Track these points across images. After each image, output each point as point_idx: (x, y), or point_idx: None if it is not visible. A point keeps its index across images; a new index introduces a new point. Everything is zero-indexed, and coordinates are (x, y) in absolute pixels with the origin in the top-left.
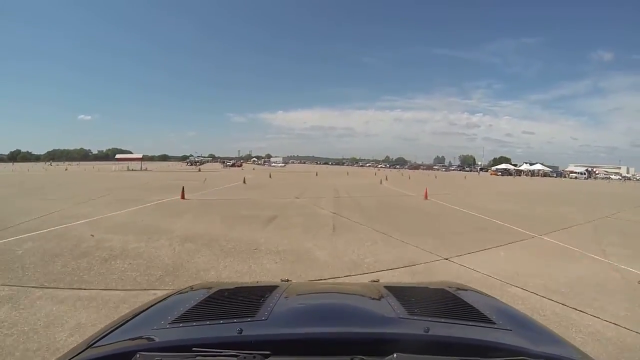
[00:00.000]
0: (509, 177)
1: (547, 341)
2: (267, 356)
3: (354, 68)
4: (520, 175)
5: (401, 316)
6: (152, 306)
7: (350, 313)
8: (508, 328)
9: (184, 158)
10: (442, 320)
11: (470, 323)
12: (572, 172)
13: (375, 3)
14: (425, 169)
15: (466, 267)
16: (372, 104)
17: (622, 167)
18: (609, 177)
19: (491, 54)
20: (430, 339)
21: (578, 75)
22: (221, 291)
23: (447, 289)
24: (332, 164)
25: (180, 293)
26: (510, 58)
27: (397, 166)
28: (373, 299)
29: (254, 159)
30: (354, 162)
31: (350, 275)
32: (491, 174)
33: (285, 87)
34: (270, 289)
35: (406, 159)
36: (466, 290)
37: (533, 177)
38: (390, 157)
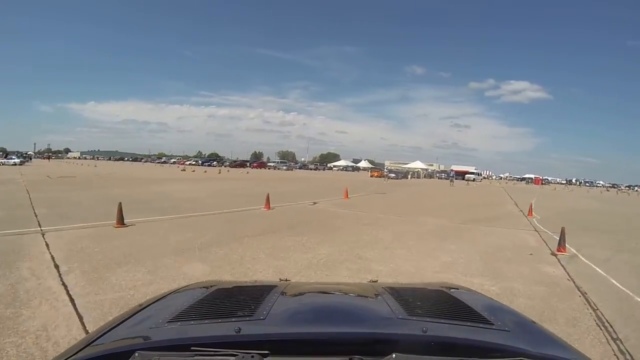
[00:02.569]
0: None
1: (546, 342)
2: (265, 355)
3: (174, 60)
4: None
5: (399, 316)
6: (150, 305)
7: (348, 313)
8: (506, 329)
9: None
10: (441, 320)
11: (468, 324)
12: (467, 172)
13: None
14: (276, 168)
15: None
16: (188, 99)
17: (434, 164)
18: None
19: (312, 57)
20: (429, 340)
21: (391, 85)
22: (219, 290)
23: (446, 289)
24: (128, 160)
25: (178, 292)
26: (330, 63)
27: (215, 162)
28: (371, 299)
29: (30, 153)
30: (159, 157)
31: None
32: (372, 175)
33: (98, 78)
34: (268, 288)
35: (220, 154)
36: (464, 291)
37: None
38: (203, 153)
